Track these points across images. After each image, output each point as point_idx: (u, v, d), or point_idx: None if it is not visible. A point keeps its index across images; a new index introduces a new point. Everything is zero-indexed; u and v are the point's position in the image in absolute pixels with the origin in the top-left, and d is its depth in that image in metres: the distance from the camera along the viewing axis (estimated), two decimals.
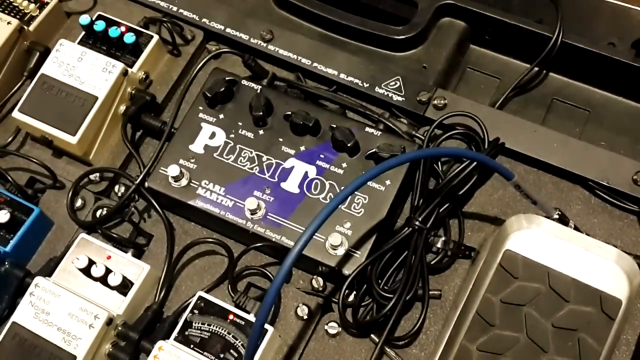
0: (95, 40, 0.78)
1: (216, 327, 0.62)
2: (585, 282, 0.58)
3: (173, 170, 0.68)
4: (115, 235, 0.70)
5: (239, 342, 0.61)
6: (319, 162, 0.69)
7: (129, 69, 0.76)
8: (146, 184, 0.70)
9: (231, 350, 0.61)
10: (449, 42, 0.82)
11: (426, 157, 0.68)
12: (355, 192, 0.67)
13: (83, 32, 0.78)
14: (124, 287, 0.65)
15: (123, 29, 0.77)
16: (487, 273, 0.60)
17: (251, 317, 0.63)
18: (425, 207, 0.65)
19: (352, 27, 0.82)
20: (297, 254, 0.50)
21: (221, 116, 0.72)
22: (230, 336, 0.62)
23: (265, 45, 0.80)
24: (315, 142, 0.70)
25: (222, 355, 0.61)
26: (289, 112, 0.70)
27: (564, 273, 0.58)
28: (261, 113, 0.70)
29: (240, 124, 0.71)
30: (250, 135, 0.71)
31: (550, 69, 0.81)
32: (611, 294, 0.57)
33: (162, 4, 0.83)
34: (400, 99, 0.75)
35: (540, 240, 0.60)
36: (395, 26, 0.81)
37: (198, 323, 0.62)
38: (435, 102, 0.74)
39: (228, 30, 0.81)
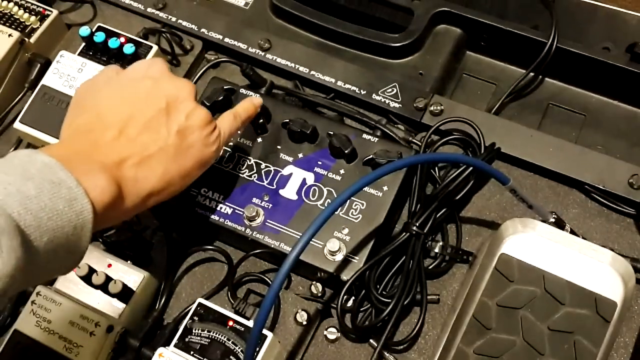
0: (95, 51, 0.79)
1: (216, 333, 0.62)
2: (580, 284, 0.58)
3: None
4: (115, 243, 0.71)
5: (239, 348, 0.62)
6: (316, 169, 0.69)
7: None
8: None
9: (231, 357, 0.61)
10: (445, 48, 0.82)
11: (422, 162, 0.69)
12: (353, 198, 0.67)
13: (83, 44, 0.79)
14: (125, 294, 0.66)
15: (123, 39, 0.78)
16: (483, 277, 0.60)
17: (250, 323, 0.63)
18: (423, 212, 0.66)
19: (348, 35, 0.83)
20: (293, 259, 0.50)
21: None
22: (230, 342, 0.62)
23: (263, 54, 0.81)
24: (313, 149, 0.70)
25: None
26: (287, 120, 0.71)
27: (559, 276, 0.58)
28: (259, 121, 0.70)
29: (238, 132, 0.72)
30: (248, 143, 0.71)
31: (545, 74, 0.81)
32: (606, 297, 0.57)
33: (161, 14, 0.84)
34: (397, 105, 0.76)
35: (535, 243, 0.60)
36: (391, 34, 0.82)
37: (198, 330, 0.63)
38: (432, 108, 0.75)
39: (226, 39, 0.82)
